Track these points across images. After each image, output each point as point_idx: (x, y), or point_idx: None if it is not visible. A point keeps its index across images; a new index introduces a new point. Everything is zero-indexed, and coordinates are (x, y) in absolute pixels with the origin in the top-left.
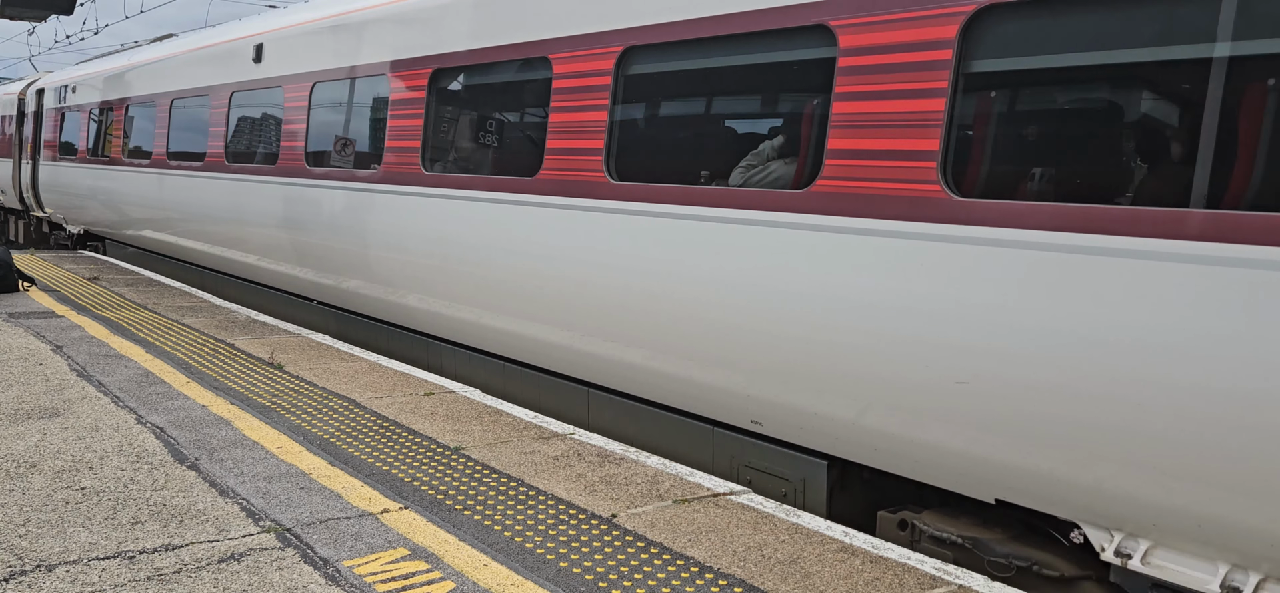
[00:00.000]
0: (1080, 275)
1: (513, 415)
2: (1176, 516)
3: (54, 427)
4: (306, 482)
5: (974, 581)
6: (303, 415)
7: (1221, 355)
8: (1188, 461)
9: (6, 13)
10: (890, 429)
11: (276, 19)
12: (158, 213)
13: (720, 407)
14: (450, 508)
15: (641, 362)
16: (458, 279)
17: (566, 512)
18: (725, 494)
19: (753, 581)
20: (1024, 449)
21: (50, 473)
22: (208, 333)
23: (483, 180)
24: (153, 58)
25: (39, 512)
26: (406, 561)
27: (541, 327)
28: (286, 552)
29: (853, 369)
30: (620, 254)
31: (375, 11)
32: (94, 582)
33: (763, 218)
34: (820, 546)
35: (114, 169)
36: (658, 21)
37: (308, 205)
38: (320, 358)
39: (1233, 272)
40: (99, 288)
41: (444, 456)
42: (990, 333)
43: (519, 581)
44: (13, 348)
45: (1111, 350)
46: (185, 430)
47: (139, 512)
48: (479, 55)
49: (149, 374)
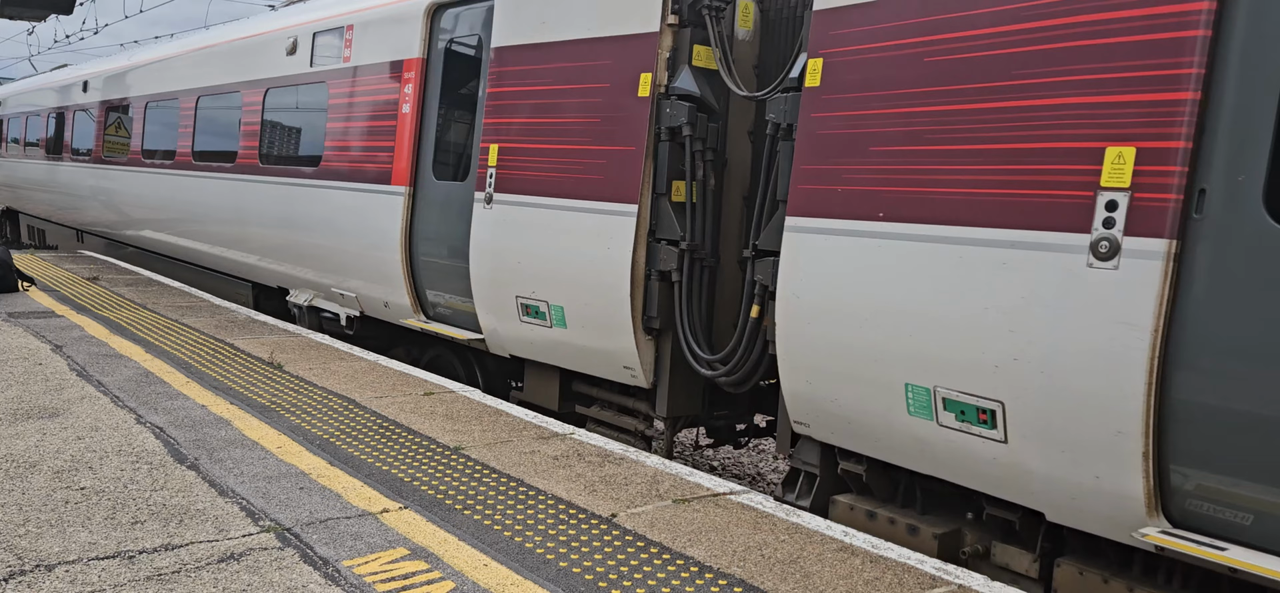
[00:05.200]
0: None
1: (512, 415)
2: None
3: (53, 427)
4: (306, 482)
5: (974, 580)
6: (302, 415)
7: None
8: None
9: (6, 12)
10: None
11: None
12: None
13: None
14: (450, 508)
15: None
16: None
17: (566, 512)
18: (725, 494)
19: (753, 580)
20: None
21: (50, 473)
22: (207, 333)
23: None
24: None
25: (38, 512)
26: (406, 560)
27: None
28: (286, 552)
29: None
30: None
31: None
32: (94, 582)
33: None
34: (820, 545)
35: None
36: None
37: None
38: (320, 358)
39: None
40: (99, 288)
41: (444, 455)
42: None
43: (519, 580)
44: (12, 348)
45: None
46: (185, 430)
47: (138, 512)
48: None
49: (149, 374)
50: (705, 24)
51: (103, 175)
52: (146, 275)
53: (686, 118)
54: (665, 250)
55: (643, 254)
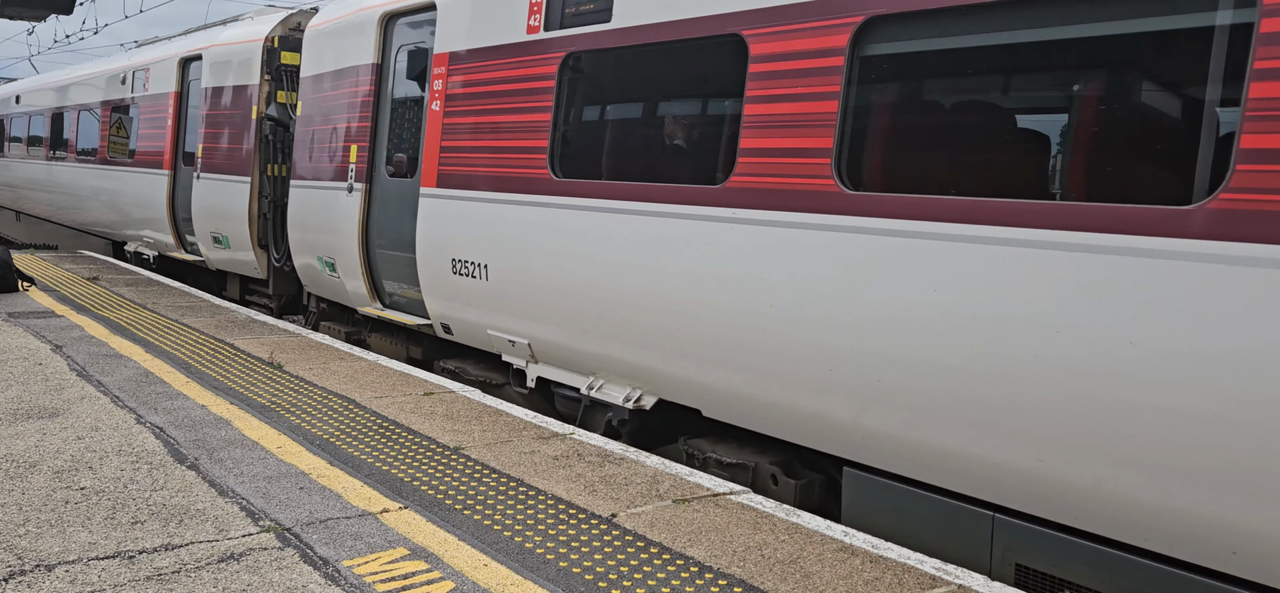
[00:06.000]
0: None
1: (512, 415)
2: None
3: (53, 427)
4: (306, 482)
5: (974, 580)
6: (302, 415)
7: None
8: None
9: (6, 13)
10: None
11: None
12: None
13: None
14: (450, 508)
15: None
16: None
17: (566, 512)
18: (725, 494)
19: (753, 581)
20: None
21: (50, 473)
22: (207, 333)
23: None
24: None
25: (38, 512)
26: (406, 560)
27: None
28: (286, 552)
29: None
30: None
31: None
32: (93, 582)
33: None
34: (820, 545)
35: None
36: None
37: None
38: (320, 358)
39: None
40: (98, 288)
41: (444, 455)
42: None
43: (519, 580)
44: (12, 348)
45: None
46: (185, 430)
47: (138, 512)
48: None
49: (148, 374)
50: (282, 79)
51: (24, 166)
52: (146, 276)
53: (271, 131)
54: (264, 202)
55: (255, 205)
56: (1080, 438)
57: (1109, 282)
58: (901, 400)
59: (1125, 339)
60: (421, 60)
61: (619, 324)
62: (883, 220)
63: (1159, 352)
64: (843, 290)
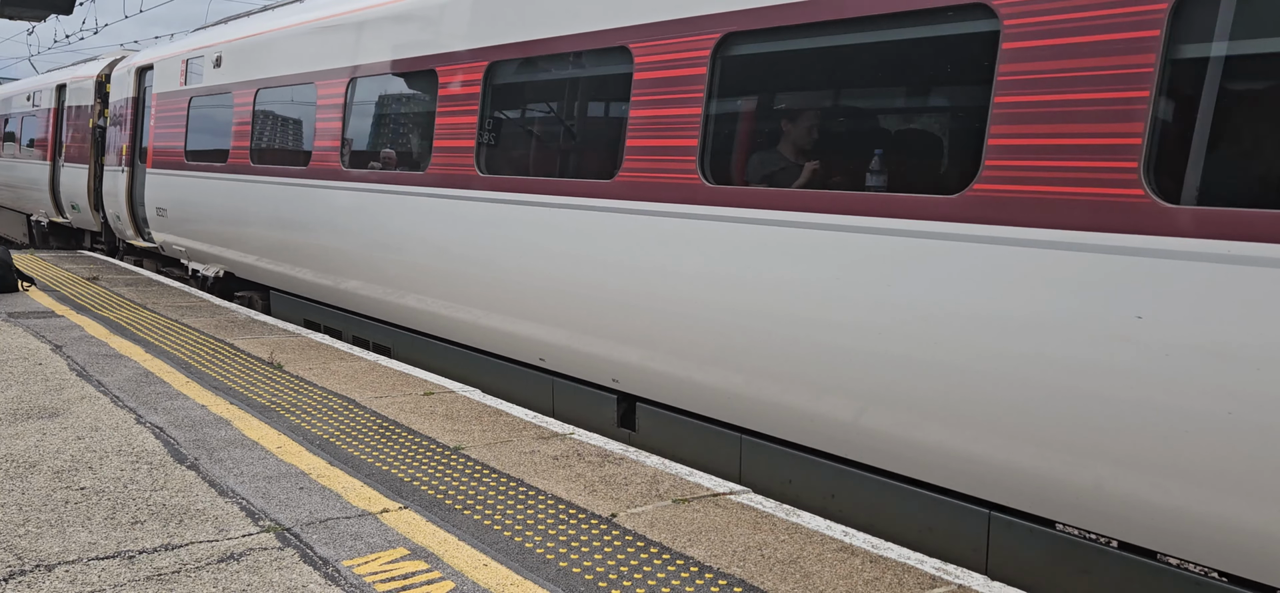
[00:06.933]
0: None
1: (512, 415)
2: None
3: (53, 427)
4: (306, 481)
5: (974, 580)
6: (302, 415)
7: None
8: None
9: (6, 12)
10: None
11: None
12: None
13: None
14: (450, 508)
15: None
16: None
17: (566, 512)
18: (725, 494)
19: (752, 580)
20: None
21: (50, 473)
22: (207, 333)
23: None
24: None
25: (38, 512)
26: (406, 560)
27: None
28: (286, 552)
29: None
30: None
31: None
32: (93, 582)
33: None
34: (820, 545)
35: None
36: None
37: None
38: (319, 358)
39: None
40: (98, 288)
41: (444, 455)
42: None
43: (518, 580)
44: (12, 348)
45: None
46: (185, 430)
47: (138, 512)
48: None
49: (148, 374)
50: (107, 101)
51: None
52: (146, 276)
53: (100, 135)
54: (96, 181)
55: (91, 182)
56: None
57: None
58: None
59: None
60: (147, 95)
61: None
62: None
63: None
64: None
